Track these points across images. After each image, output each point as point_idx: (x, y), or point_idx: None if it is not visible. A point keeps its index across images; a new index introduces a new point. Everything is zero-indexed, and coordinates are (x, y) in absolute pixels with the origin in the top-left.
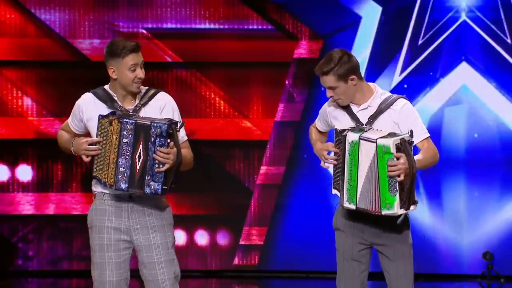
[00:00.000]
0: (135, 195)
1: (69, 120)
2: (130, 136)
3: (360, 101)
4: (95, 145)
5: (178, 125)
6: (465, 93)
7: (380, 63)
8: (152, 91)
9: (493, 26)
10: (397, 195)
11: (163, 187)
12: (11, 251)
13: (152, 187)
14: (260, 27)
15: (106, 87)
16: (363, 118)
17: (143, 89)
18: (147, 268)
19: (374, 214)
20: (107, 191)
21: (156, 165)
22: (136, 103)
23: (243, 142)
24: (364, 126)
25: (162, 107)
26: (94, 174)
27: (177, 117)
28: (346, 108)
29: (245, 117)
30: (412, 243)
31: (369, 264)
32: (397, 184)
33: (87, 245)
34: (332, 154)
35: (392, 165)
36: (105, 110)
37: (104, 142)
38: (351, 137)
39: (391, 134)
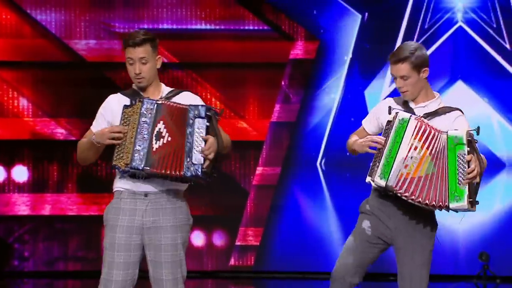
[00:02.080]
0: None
1: (94, 126)
2: (150, 115)
3: (420, 100)
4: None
5: (216, 112)
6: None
7: (374, 67)
8: (177, 90)
9: (490, 30)
10: (466, 188)
11: (203, 169)
12: (7, 252)
13: (192, 168)
14: (256, 27)
15: (133, 85)
16: (419, 114)
17: (167, 89)
18: (153, 267)
19: (416, 203)
20: (126, 187)
21: (195, 148)
22: (160, 97)
23: (239, 142)
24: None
25: (190, 101)
26: (113, 163)
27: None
28: (405, 105)
29: (241, 118)
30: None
31: (378, 255)
32: (463, 177)
33: (83, 246)
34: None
35: (469, 171)
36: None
37: (126, 130)
38: (402, 114)
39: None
